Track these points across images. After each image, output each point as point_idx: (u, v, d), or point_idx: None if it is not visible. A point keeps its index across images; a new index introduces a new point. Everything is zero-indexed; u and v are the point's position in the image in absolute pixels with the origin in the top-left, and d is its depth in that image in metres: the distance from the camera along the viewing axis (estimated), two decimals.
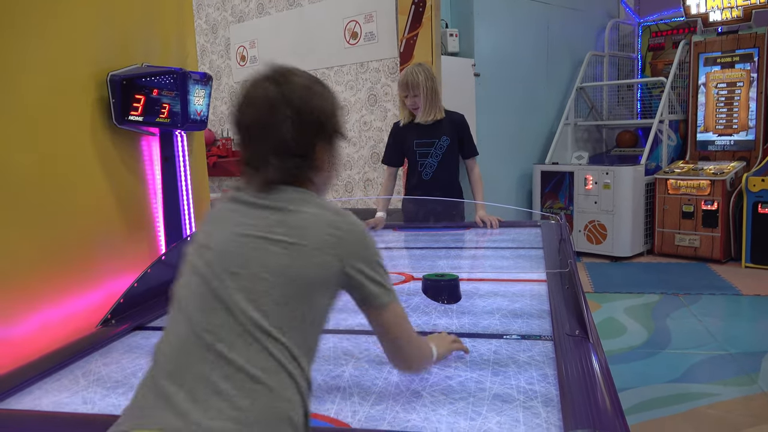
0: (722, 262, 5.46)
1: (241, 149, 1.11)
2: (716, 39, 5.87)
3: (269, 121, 1.05)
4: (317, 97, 1.10)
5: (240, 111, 1.09)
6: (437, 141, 3.02)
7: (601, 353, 1.34)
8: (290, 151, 1.06)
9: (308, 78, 1.12)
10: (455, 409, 1.12)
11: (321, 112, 1.09)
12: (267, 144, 1.06)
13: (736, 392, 2.96)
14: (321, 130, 1.09)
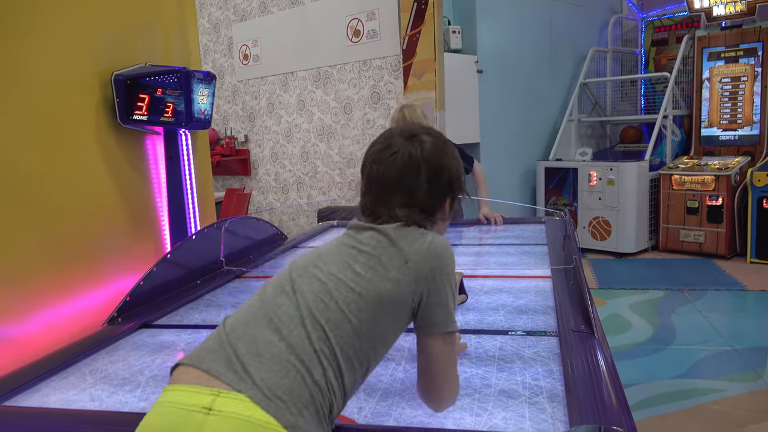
0: (727, 258, 5.44)
1: (366, 197, 1.14)
2: (720, 33, 5.85)
3: (407, 179, 1.09)
4: (449, 158, 1.14)
5: (372, 163, 1.12)
6: None
7: (606, 349, 1.34)
8: (420, 207, 1.10)
9: (438, 137, 1.16)
10: (461, 405, 1.12)
11: (452, 174, 1.14)
12: (399, 198, 1.10)
13: (742, 388, 2.95)
14: (450, 190, 1.15)
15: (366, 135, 5.51)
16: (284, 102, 6.13)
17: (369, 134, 5.48)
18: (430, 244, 1.06)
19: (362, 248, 1.06)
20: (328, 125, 5.79)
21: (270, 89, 6.24)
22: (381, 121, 5.38)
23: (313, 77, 5.83)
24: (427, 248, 1.05)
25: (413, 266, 1.03)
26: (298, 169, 6.14)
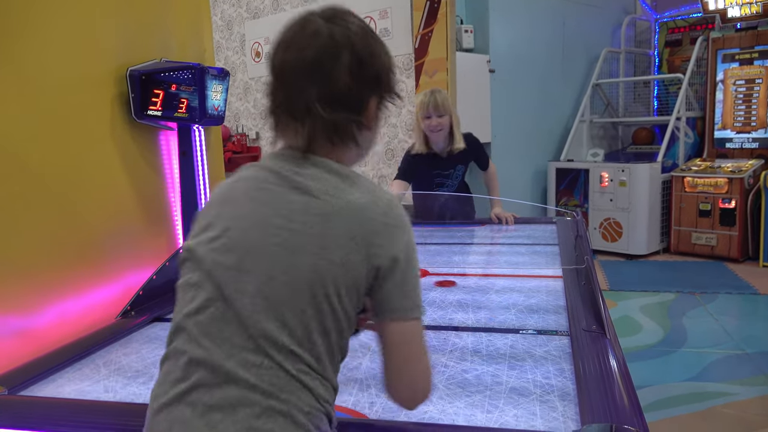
0: (739, 261, 5.40)
1: (277, 95, 0.95)
2: (735, 35, 5.81)
3: (324, 63, 0.90)
4: (379, 45, 0.96)
5: (284, 48, 0.93)
6: (453, 171, 2.96)
7: (618, 349, 1.34)
8: (341, 101, 0.91)
9: (365, 24, 0.97)
10: (472, 402, 1.13)
11: (382, 65, 0.96)
12: (315, 89, 0.90)
13: (753, 392, 2.93)
14: (378, 83, 0.96)
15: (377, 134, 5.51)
16: None
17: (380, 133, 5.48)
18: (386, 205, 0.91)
19: (292, 227, 0.88)
20: None
21: None
22: (392, 120, 5.38)
23: None
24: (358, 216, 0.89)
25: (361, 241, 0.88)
26: None
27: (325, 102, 0.91)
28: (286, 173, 0.92)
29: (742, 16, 5.75)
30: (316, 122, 0.91)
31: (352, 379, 1.25)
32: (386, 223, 0.90)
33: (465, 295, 1.83)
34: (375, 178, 5.59)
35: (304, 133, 0.92)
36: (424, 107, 2.77)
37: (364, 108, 0.95)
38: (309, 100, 0.90)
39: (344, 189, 0.90)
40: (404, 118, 5.28)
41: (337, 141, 0.94)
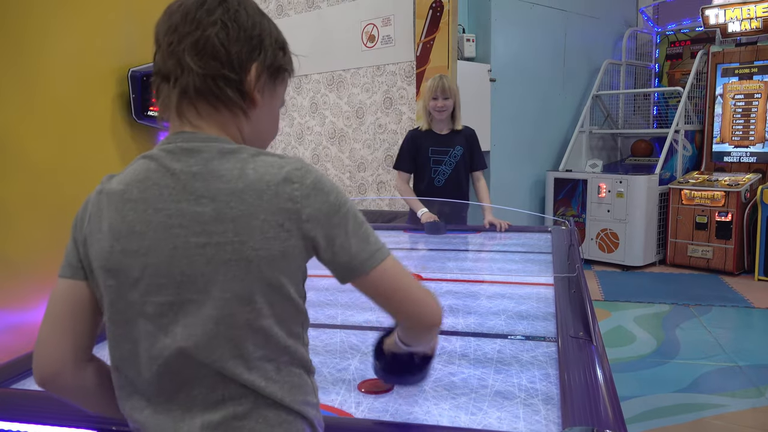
0: (735, 275, 5.42)
1: (156, 64, 0.89)
2: (735, 50, 5.84)
3: (195, 16, 0.85)
4: (265, 17, 0.93)
5: (163, 16, 0.89)
6: (452, 150, 3.13)
7: (604, 356, 1.36)
8: (214, 56, 0.85)
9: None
10: (457, 404, 1.15)
11: (263, 28, 0.91)
12: (186, 41, 0.85)
13: (744, 404, 2.95)
14: (259, 47, 0.89)
15: (377, 140, 5.54)
16: (297, 104, 6.18)
17: (380, 139, 5.52)
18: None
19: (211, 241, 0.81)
20: (340, 129, 5.83)
21: None
22: (393, 126, 5.41)
23: (326, 80, 5.88)
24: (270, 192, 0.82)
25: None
26: None
27: (196, 54, 0.85)
28: (182, 177, 0.84)
29: (743, 31, 5.79)
30: (188, 78, 0.85)
31: (339, 379, 1.27)
32: (307, 194, 0.83)
33: (456, 300, 1.85)
34: (374, 184, 5.62)
35: (176, 91, 0.86)
36: (432, 90, 3.05)
37: (243, 70, 0.87)
38: (179, 54, 0.85)
39: (246, 173, 0.83)
40: (404, 124, 5.32)
41: (220, 105, 0.87)
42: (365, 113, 5.60)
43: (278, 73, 0.94)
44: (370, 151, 5.61)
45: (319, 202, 0.84)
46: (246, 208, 0.81)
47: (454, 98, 3.06)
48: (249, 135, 0.92)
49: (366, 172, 5.67)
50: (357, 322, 1.64)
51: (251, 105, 0.90)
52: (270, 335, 0.83)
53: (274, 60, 0.92)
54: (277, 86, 0.95)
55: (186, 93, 0.86)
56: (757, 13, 5.66)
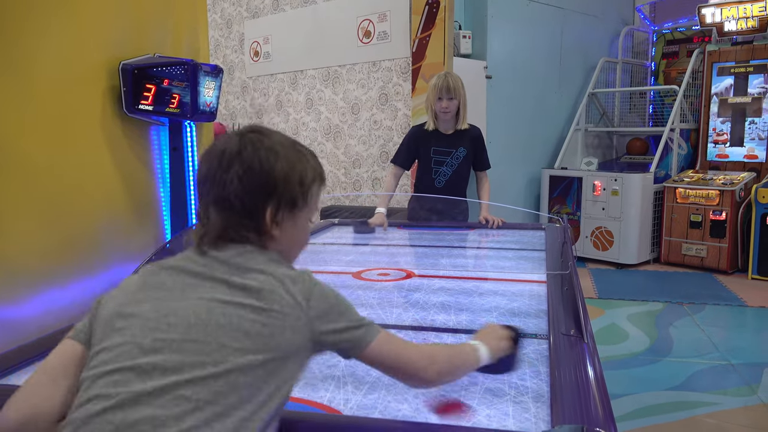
0: (728, 273, 5.43)
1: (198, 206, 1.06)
2: (731, 49, 5.85)
3: (215, 172, 0.99)
4: (278, 158, 1.01)
5: (200, 161, 1.06)
6: (455, 151, 3.07)
7: (595, 353, 1.35)
8: (232, 207, 0.98)
9: (279, 140, 1.04)
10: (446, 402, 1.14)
11: (275, 172, 1.00)
12: (211, 196, 1.00)
13: (736, 402, 2.95)
14: (272, 192, 1.00)
15: (372, 136, 5.53)
16: (293, 100, 6.16)
17: (375, 135, 5.51)
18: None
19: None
20: (335, 125, 5.81)
21: (279, 86, 6.27)
22: (388, 123, 5.40)
23: (322, 76, 5.86)
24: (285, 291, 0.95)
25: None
26: None
27: (217, 206, 0.99)
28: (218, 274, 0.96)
29: (739, 30, 5.79)
30: (209, 224, 1.00)
31: (329, 376, 1.26)
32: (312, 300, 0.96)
33: (448, 297, 1.84)
34: (369, 181, 5.60)
35: (206, 233, 1.00)
36: (436, 89, 2.96)
37: (259, 215, 1.00)
38: (207, 204, 1.01)
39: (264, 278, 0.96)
40: (400, 121, 5.31)
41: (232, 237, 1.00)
42: (360, 109, 5.58)
43: (296, 205, 1.03)
44: (366, 147, 5.60)
45: (322, 307, 0.97)
46: (271, 308, 0.93)
47: (459, 98, 2.98)
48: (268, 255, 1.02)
49: (361, 168, 5.66)
50: None
51: (270, 239, 1.02)
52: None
53: (290, 198, 1.02)
54: (297, 213, 1.04)
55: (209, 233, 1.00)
56: (754, 12, 5.66)
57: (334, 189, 5.86)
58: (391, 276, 2.10)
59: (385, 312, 1.69)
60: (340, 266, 2.25)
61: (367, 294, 1.88)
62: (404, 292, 1.91)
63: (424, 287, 1.96)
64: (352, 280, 2.04)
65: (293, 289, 0.94)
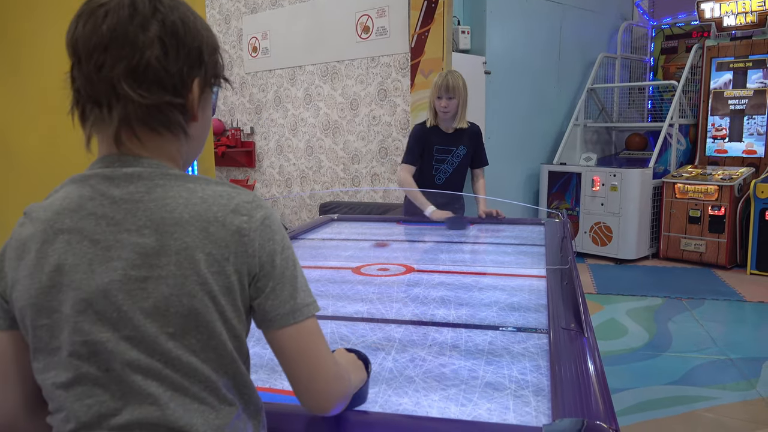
0: (727, 268, 5.44)
1: (79, 81, 0.79)
2: (729, 44, 5.84)
3: (128, 34, 0.75)
4: (199, 20, 0.83)
5: (82, 23, 0.77)
6: (455, 149, 3.07)
7: (595, 347, 1.35)
8: (155, 79, 0.77)
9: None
10: (447, 395, 1.14)
11: (201, 37, 0.82)
12: (122, 66, 0.75)
13: (735, 397, 2.96)
14: (200, 62, 0.82)
15: (371, 131, 5.52)
16: (291, 95, 6.15)
17: (374, 131, 5.50)
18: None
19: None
20: (334, 120, 5.81)
21: (278, 82, 6.26)
22: (387, 118, 5.39)
23: (320, 72, 5.85)
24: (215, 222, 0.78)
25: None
26: (302, 163, 6.16)
27: (134, 80, 0.76)
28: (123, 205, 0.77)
29: (738, 25, 5.79)
30: (126, 107, 0.77)
31: None
32: (255, 228, 0.81)
33: (448, 291, 1.84)
34: (368, 176, 5.60)
35: (113, 122, 0.78)
36: (437, 88, 2.96)
37: (185, 89, 0.81)
38: (113, 80, 0.76)
39: (193, 202, 0.78)
40: (398, 117, 5.30)
41: (163, 130, 0.81)
42: (359, 105, 5.57)
43: (216, 82, 0.88)
44: (365, 143, 5.59)
45: (266, 239, 0.81)
46: (191, 241, 0.76)
47: (459, 98, 2.95)
48: (185, 153, 0.86)
49: (360, 164, 5.65)
50: (348, 313, 1.63)
51: (192, 122, 0.84)
52: (199, 376, 0.78)
53: (214, 71, 0.86)
54: (211, 93, 0.88)
55: (125, 122, 0.78)
56: (753, 7, 5.65)
57: (333, 185, 5.86)
58: (391, 271, 2.10)
59: (385, 307, 1.69)
60: (340, 261, 2.25)
61: (366, 289, 1.88)
62: (404, 287, 1.91)
63: (424, 282, 1.96)
64: (351, 275, 2.04)
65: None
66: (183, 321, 0.76)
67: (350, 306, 1.69)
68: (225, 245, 0.78)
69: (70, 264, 0.76)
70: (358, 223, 3.26)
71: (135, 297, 0.75)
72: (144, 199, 0.78)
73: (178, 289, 0.76)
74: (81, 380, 0.77)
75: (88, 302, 0.76)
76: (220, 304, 0.78)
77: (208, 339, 0.78)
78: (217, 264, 0.78)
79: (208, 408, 0.79)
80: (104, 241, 0.76)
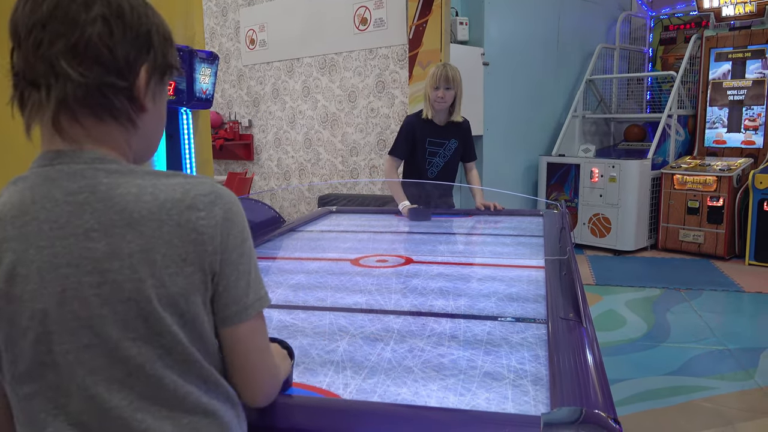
0: (726, 259, 5.45)
1: (15, 62, 0.74)
2: (728, 34, 5.83)
3: (69, 12, 0.71)
4: (150, 8, 0.79)
5: (23, 4, 0.73)
6: (447, 142, 3.08)
7: (593, 337, 1.35)
8: (97, 59, 0.72)
9: None
10: (445, 385, 1.14)
11: (150, 21, 0.78)
12: (60, 42, 0.71)
13: (733, 387, 2.97)
14: (148, 46, 0.77)
15: (370, 124, 5.51)
16: (289, 88, 6.13)
17: (373, 123, 5.49)
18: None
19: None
20: (332, 113, 5.79)
21: (275, 75, 6.24)
22: (385, 110, 5.38)
23: (318, 64, 5.83)
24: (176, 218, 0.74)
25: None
26: (300, 155, 6.15)
27: (74, 58, 0.71)
28: (66, 208, 0.72)
29: (736, 15, 5.77)
30: (67, 88, 0.72)
31: (328, 360, 1.26)
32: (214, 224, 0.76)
33: (446, 282, 1.84)
34: (366, 169, 5.59)
35: (50, 104, 0.72)
36: (434, 78, 2.94)
37: (132, 74, 0.76)
38: (51, 58, 0.71)
39: (143, 200, 0.73)
40: (397, 109, 5.29)
41: (107, 116, 0.76)
42: (357, 97, 5.56)
43: (167, 72, 0.83)
44: (363, 135, 5.58)
45: (226, 234, 0.77)
46: (145, 242, 0.72)
47: (456, 89, 2.96)
48: (137, 145, 0.81)
49: (358, 156, 5.64)
50: (346, 305, 1.63)
51: (140, 112, 0.79)
52: (165, 383, 0.76)
53: (164, 58, 0.81)
54: (164, 86, 0.84)
55: (64, 104, 0.73)
56: None
57: (332, 177, 5.85)
58: (390, 262, 2.10)
59: (383, 298, 1.69)
60: (338, 253, 2.25)
61: (365, 280, 1.88)
62: (403, 278, 1.91)
63: (423, 273, 1.96)
64: (350, 267, 2.04)
65: None
66: (144, 325, 0.73)
67: (349, 297, 1.69)
68: (182, 245, 0.73)
69: (21, 274, 0.72)
70: (357, 215, 3.26)
71: (91, 304, 0.71)
72: (89, 200, 0.73)
73: (135, 294, 0.72)
74: (44, 391, 0.74)
75: (44, 312, 0.72)
76: (179, 306, 0.74)
77: (173, 344, 0.75)
78: (174, 265, 0.73)
79: (178, 415, 0.76)
80: (50, 248, 0.72)
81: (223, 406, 0.82)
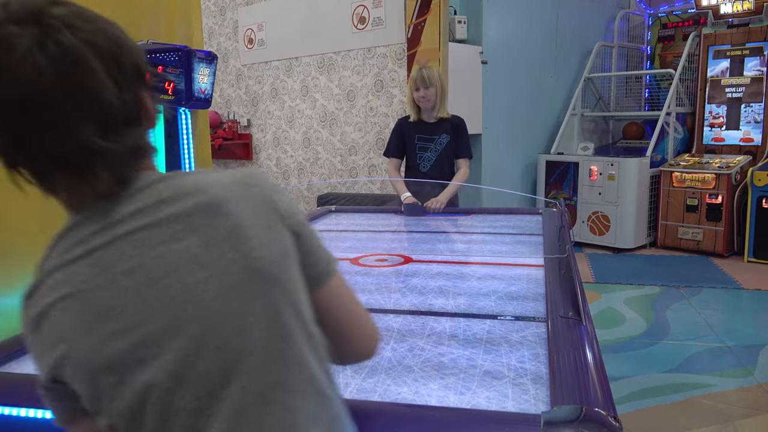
0: (725, 257, 5.45)
1: (22, 159, 0.69)
2: (726, 32, 5.83)
3: (85, 84, 0.66)
4: (113, 28, 0.73)
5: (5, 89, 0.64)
6: (437, 137, 3.16)
7: (593, 335, 1.36)
8: (122, 119, 0.70)
9: (79, 8, 0.71)
10: (446, 384, 1.14)
11: (132, 50, 0.74)
12: (86, 122, 0.66)
13: (732, 384, 2.97)
14: (140, 72, 0.74)
15: (368, 123, 5.51)
16: (288, 87, 6.13)
17: (371, 122, 5.49)
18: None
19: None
20: (331, 112, 5.79)
21: (274, 74, 6.23)
22: (384, 109, 5.38)
23: (317, 63, 5.83)
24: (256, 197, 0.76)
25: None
26: (299, 155, 6.15)
27: (108, 129, 0.68)
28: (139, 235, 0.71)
29: (735, 13, 5.77)
30: (106, 161, 0.69)
31: None
32: (271, 191, 0.78)
33: (446, 281, 1.85)
34: (365, 168, 5.59)
35: (105, 179, 0.70)
36: (413, 81, 3.08)
37: (144, 109, 0.75)
38: (82, 141, 0.67)
39: (207, 191, 0.74)
40: (395, 107, 5.29)
41: (143, 159, 0.76)
42: (356, 96, 5.56)
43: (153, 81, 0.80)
44: (362, 134, 5.58)
45: (285, 200, 0.79)
46: (233, 221, 0.72)
47: (435, 86, 3.05)
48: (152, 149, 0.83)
49: (357, 155, 5.64)
50: None
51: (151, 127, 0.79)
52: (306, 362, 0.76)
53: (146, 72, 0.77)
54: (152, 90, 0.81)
55: (116, 171, 0.72)
56: None
57: (331, 176, 5.85)
58: (389, 261, 2.10)
59: (383, 297, 1.70)
60: (338, 252, 2.25)
61: (365, 279, 1.88)
62: (402, 277, 1.91)
63: (422, 272, 1.96)
64: (350, 266, 2.05)
65: None
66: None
67: None
68: (262, 213, 0.75)
69: (117, 306, 0.69)
70: (356, 215, 3.26)
71: (203, 302, 0.70)
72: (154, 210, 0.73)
73: (245, 272, 0.72)
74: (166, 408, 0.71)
75: (153, 334, 0.69)
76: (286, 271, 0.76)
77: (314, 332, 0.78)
78: (266, 233, 0.74)
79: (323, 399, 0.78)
80: (140, 266, 0.70)
81: (336, 395, 0.84)
